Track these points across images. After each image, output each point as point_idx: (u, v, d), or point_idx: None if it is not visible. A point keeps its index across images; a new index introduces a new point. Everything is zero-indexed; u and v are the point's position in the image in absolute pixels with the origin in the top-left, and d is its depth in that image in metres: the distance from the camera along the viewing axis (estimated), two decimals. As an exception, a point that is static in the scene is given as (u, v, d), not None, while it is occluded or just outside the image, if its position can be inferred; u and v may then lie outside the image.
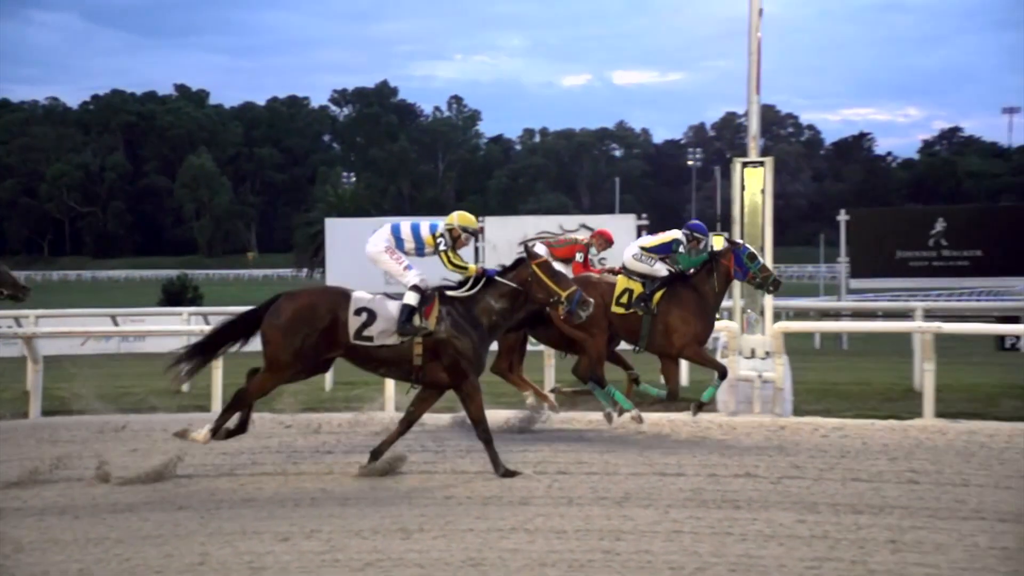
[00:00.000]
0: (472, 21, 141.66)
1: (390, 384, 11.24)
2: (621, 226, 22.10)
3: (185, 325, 15.33)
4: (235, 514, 6.65)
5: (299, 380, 8.11)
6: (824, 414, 10.25)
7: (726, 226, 15.52)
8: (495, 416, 8.97)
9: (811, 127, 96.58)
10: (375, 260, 8.54)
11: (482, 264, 8.36)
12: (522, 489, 7.17)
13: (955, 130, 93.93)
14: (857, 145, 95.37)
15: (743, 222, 11.23)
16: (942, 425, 9.59)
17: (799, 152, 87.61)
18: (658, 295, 9.53)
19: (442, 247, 8.22)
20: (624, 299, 9.56)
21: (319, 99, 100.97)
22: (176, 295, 33.13)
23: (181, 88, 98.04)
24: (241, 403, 7.88)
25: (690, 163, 77.31)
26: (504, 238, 21.38)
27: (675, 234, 9.81)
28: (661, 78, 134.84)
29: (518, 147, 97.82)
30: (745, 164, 11.34)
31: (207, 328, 11.75)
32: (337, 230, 23.87)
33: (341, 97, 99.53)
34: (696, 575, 5.25)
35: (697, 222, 10.23)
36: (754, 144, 11.65)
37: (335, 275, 22.67)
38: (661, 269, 9.72)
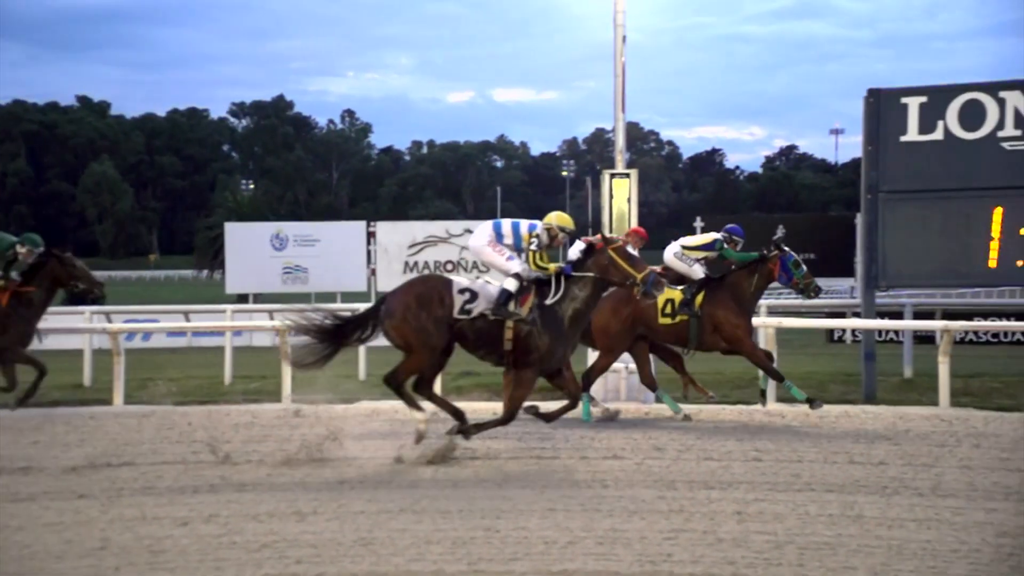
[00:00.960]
0: (363, 41, 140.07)
1: (287, 377, 11.05)
2: (501, 231, 22.28)
3: (87, 323, 14.72)
4: (135, 501, 6.42)
5: (438, 362, 7.96)
6: (683, 401, 10.45)
7: (596, 230, 15.70)
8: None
9: (670, 143, 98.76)
10: (479, 253, 8.27)
11: (560, 264, 8.07)
12: (411, 474, 7.13)
13: (792, 148, 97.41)
14: (710, 160, 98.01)
15: (611, 227, 11.38)
16: (782, 409, 9.92)
17: (660, 165, 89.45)
18: (699, 297, 9.47)
19: (533, 247, 7.97)
20: (668, 309, 9.41)
21: (218, 111, 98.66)
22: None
23: (83, 99, 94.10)
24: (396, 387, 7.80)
25: (564, 174, 78.11)
26: (395, 241, 21.23)
27: (716, 236, 9.79)
28: (537, 96, 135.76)
29: (407, 158, 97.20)
30: (613, 175, 11.50)
31: (108, 326, 11.35)
32: (236, 234, 23.28)
33: (239, 110, 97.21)
34: (567, 548, 5.29)
35: (735, 226, 10.18)
36: (620, 157, 11.83)
37: (234, 276, 22.19)
38: (699, 271, 9.69)
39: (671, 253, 9.79)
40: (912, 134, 11.30)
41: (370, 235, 21.39)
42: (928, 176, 11.25)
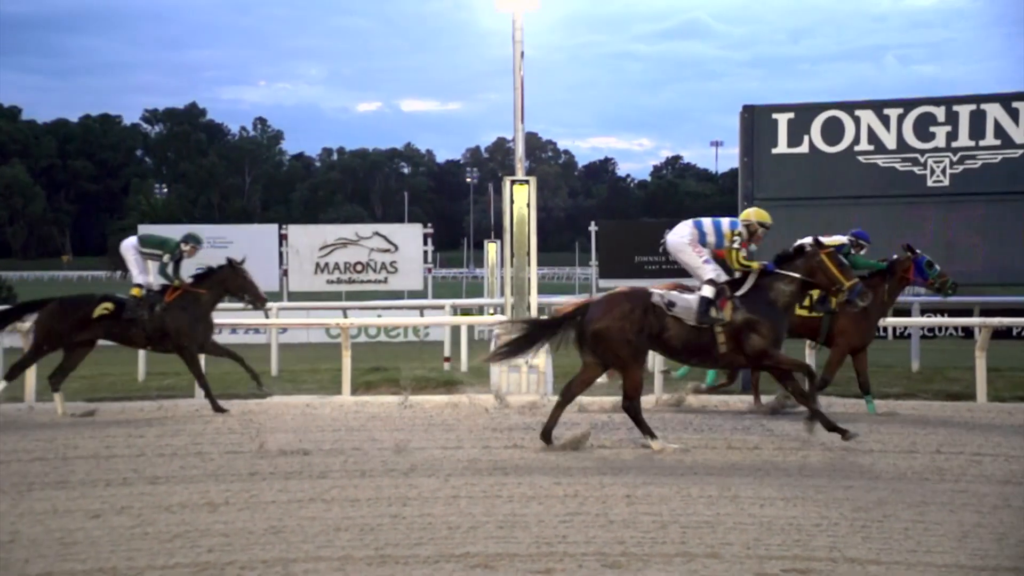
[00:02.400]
0: (275, 52, 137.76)
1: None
2: (410, 234, 22.11)
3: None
4: (47, 495, 6.16)
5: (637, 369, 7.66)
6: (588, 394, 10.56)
7: (499, 234, 15.73)
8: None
9: (567, 152, 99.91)
10: (678, 251, 7.92)
11: (764, 262, 7.81)
12: (320, 465, 7.03)
13: (677, 158, 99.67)
14: (603, 168, 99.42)
15: (513, 230, 11.44)
16: (673, 398, 10.09)
17: (557, 173, 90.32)
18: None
19: (736, 244, 7.71)
20: (807, 301, 9.03)
21: (131, 117, 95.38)
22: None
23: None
24: (634, 413, 7.58)
25: (468, 180, 78.13)
26: (306, 244, 20.95)
27: (842, 239, 9.35)
28: (442, 107, 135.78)
29: (318, 164, 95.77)
30: (513, 182, 11.56)
31: (20, 324, 10.87)
32: (149, 235, 22.56)
33: (153, 116, 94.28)
34: (469, 532, 5.29)
35: (862, 230, 9.78)
36: (520, 165, 11.91)
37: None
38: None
39: None
40: (782, 147, 11.69)
41: (282, 238, 21.10)
42: (796, 185, 11.66)
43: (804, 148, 11.65)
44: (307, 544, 5.10)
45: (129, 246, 10.36)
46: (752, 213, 8.13)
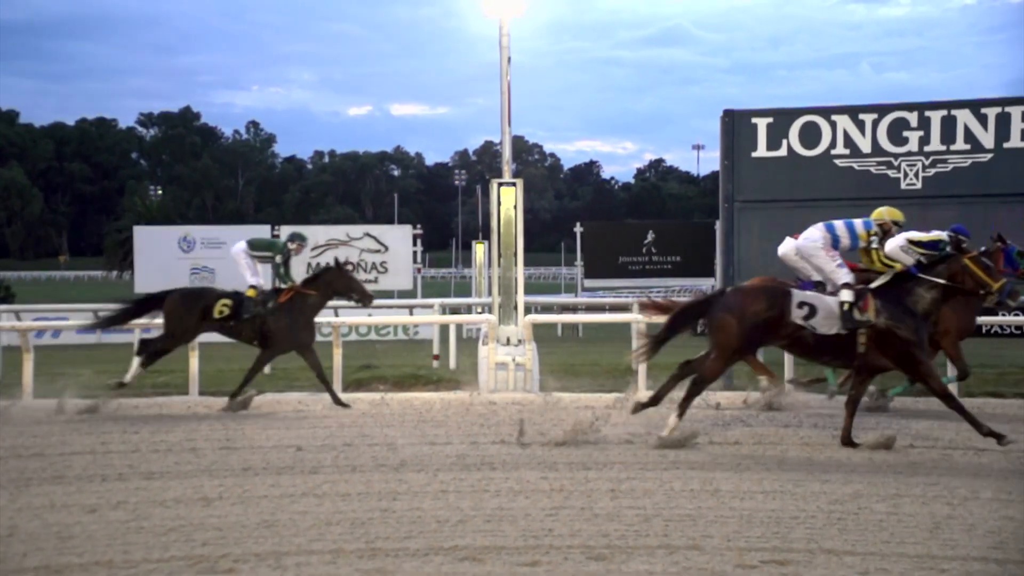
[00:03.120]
0: (267, 57, 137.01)
1: (195, 371, 10.74)
2: (400, 235, 22.04)
3: (-4, 322, 13.98)
4: (44, 490, 6.12)
5: (735, 362, 7.64)
6: (564, 390, 10.58)
7: (486, 235, 15.73)
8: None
9: (552, 155, 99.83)
10: (809, 255, 7.71)
11: (909, 265, 7.56)
12: (312, 460, 7.01)
13: (660, 161, 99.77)
14: (588, 171, 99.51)
15: (500, 231, 11.44)
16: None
17: (543, 175, 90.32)
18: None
19: (874, 244, 7.53)
20: None
21: (127, 121, 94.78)
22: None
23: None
24: (699, 389, 7.50)
25: (456, 182, 77.98)
26: (298, 244, 20.86)
27: (942, 235, 8.82)
28: (431, 111, 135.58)
29: (309, 166, 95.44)
30: (501, 184, 11.56)
31: (17, 323, 10.82)
32: (145, 237, 22.49)
33: (148, 120, 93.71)
34: (458, 526, 5.28)
35: (961, 225, 9.15)
36: (507, 168, 11.91)
37: (142, 277, 21.42)
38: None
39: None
40: (761, 151, 11.73)
41: (274, 238, 20.99)
42: (775, 188, 11.70)
43: (783, 152, 11.69)
44: (299, 538, 5.08)
45: (239, 250, 10.32)
46: (885, 212, 7.91)
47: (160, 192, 66.79)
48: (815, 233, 7.80)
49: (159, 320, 9.92)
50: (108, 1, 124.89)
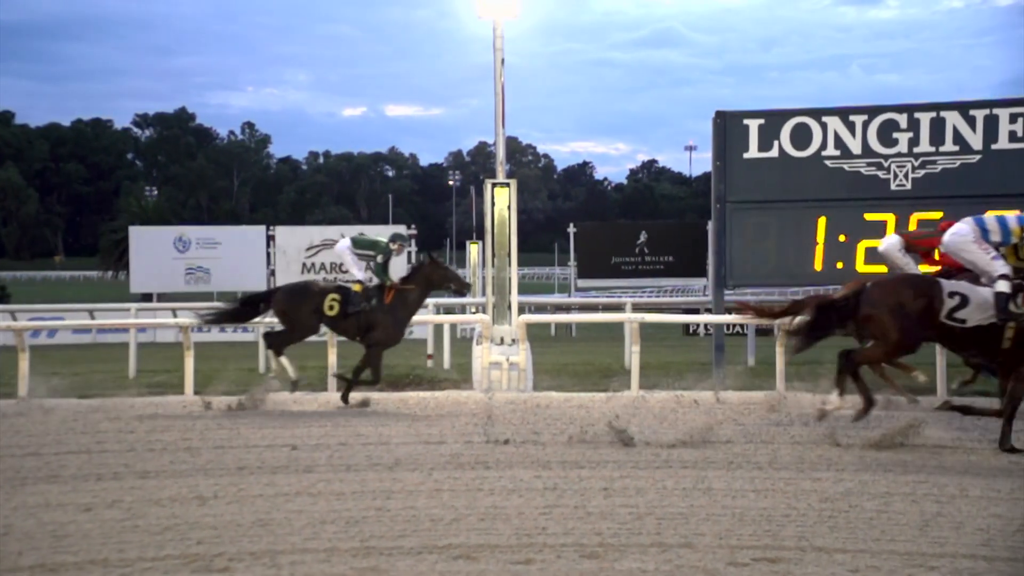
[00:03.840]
0: (262, 58, 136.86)
1: (189, 370, 10.72)
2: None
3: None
4: (39, 489, 6.09)
5: (898, 356, 7.57)
6: (558, 389, 10.59)
7: (480, 235, 15.73)
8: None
9: (546, 156, 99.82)
10: (960, 250, 7.44)
11: None
12: (307, 459, 7.00)
13: (652, 162, 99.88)
14: (581, 172, 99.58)
15: (494, 232, 11.44)
16: (644, 395, 10.14)
17: (537, 176, 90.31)
18: None
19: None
20: None
21: (122, 122, 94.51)
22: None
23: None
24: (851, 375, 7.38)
25: (450, 183, 77.95)
26: (293, 245, 20.86)
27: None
28: (425, 112, 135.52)
29: (304, 167, 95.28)
30: (495, 185, 11.56)
31: (13, 323, 10.79)
32: (140, 237, 22.47)
33: (143, 120, 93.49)
34: (452, 525, 5.28)
35: None
36: (501, 168, 11.91)
37: (138, 276, 21.40)
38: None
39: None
40: (753, 151, 11.75)
41: (270, 238, 21.00)
42: (766, 188, 11.72)
43: (774, 153, 11.72)
44: (294, 536, 5.07)
45: (344, 248, 10.46)
46: None
47: (155, 192, 66.56)
48: (964, 227, 7.53)
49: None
50: (103, 2, 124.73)
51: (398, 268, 11.23)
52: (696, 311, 15.76)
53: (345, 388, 9.75)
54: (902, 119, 11.49)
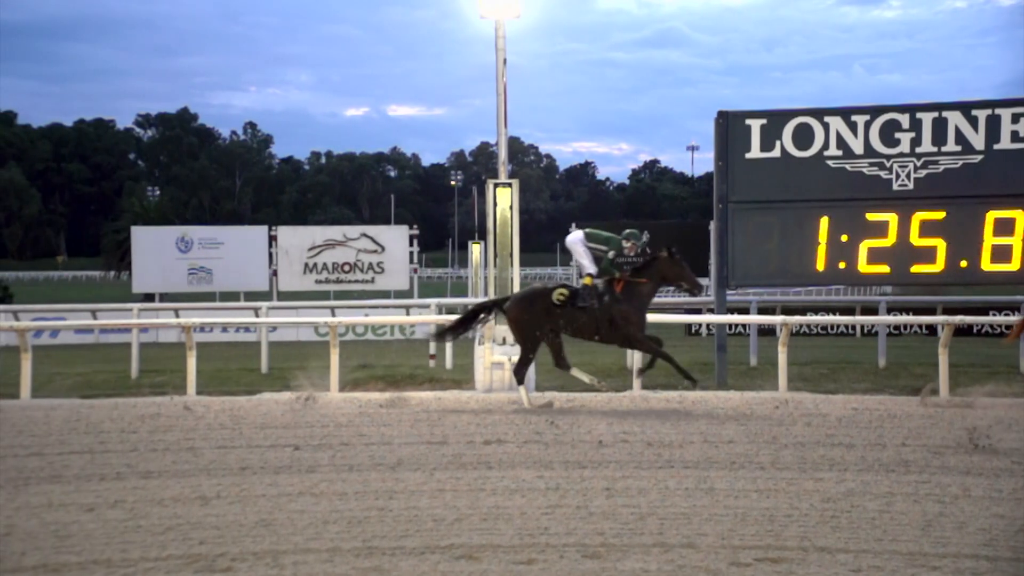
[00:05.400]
0: (264, 58, 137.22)
1: (192, 370, 10.72)
2: (396, 235, 22.07)
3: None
4: (42, 489, 6.10)
5: None
6: (560, 389, 10.58)
7: (482, 235, 15.72)
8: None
9: (548, 156, 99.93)
10: None
11: None
12: (309, 460, 7.00)
13: (655, 162, 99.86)
14: (584, 171, 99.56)
15: (496, 232, 11.44)
16: (647, 395, 10.15)
17: (539, 176, 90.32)
18: None
19: None
20: None
21: (124, 122, 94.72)
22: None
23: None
24: None
25: (452, 183, 77.98)
26: (295, 245, 20.88)
27: None
28: (428, 112, 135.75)
29: (306, 167, 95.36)
30: (497, 185, 11.55)
31: (15, 323, 10.78)
32: (143, 237, 22.48)
33: (145, 121, 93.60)
34: (455, 525, 5.28)
35: None
36: (503, 169, 11.90)
37: (140, 276, 21.42)
38: None
39: None
40: (755, 152, 11.74)
41: (272, 239, 21.02)
42: (768, 188, 11.71)
43: (776, 153, 11.71)
44: (296, 536, 5.07)
45: (577, 240, 10.16)
46: None
47: (158, 193, 66.58)
48: None
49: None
50: (106, 3, 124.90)
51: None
52: (698, 311, 15.73)
53: (639, 371, 9.87)
54: (904, 119, 11.47)
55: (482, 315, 10.20)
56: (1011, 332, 9.12)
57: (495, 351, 10.95)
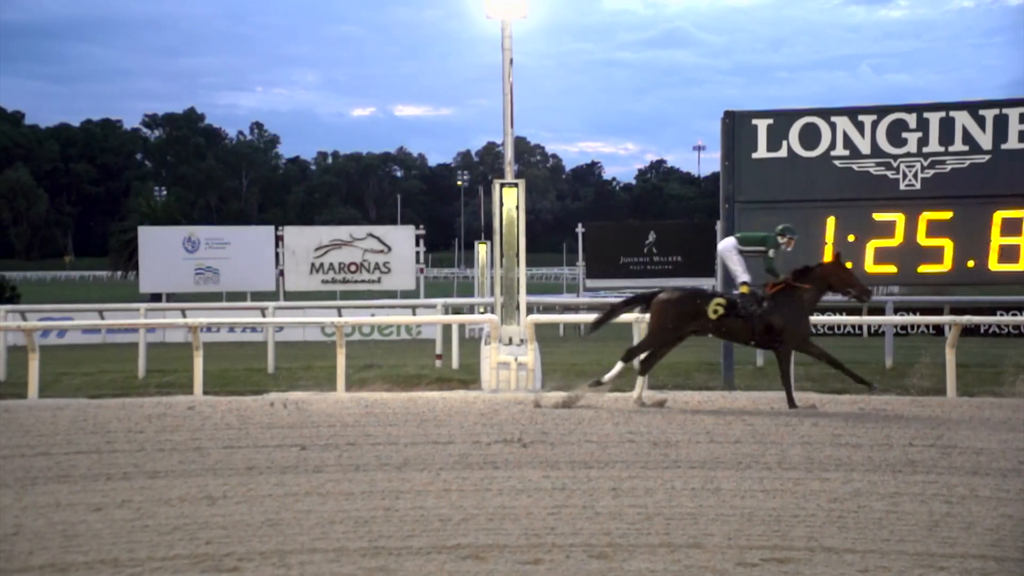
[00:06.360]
0: (271, 59, 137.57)
1: (199, 370, 10.75)
2: (403, 235, 22.10)
3: (2, 321, 14.00)
4: (49, 489, 6.12)
5: None
6: (566, 389, 10.56)
7: (489, 235, 15.73)
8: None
9: (554, 156, 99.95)
10: None
11: None
12: (316, 459, 7.01)
13: (661, 162, 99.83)
14: (590, 172, 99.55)
15: (502, 232, 11.44)
16: (653, 395, 10.10)
17: (545, 176, 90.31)
18: None
19: None
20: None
21: (131, 122, 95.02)
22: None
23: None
24: None
25: (459, 183, 78.03)
26: (302, 245, 20.91)
27: None
28: (434, 112, 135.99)
29: (313, 167, 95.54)
30: (503, 185, 11.56)
31: (23, 323, 10.82)
32: (150, 237, 22.56)
33: (152, 121, 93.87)
34: (461, 525, 5.28)
35: None
36: (509, 169, 11.91)
37: (147, 276, 21.47)
38: None
39: None
40: (762, 151, 11.72)
41: (278, 239, 21.05)
42: (775, 188, 11.69)
43: (783, 153, 11.68)
44: (303, 536, 5.08)
45: (730, 247, 9.98)
46: None
47: (165, 193, 66.78)
48: None
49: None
50: (113, 3, 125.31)
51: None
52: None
53: (788, 393, 9.35)
54: (911, 119, 11.44)
55: (633, 307, 10.03)
56: None
57: (501, 351, 10.95)
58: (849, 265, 9.76)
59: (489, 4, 11.54)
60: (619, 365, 9.61)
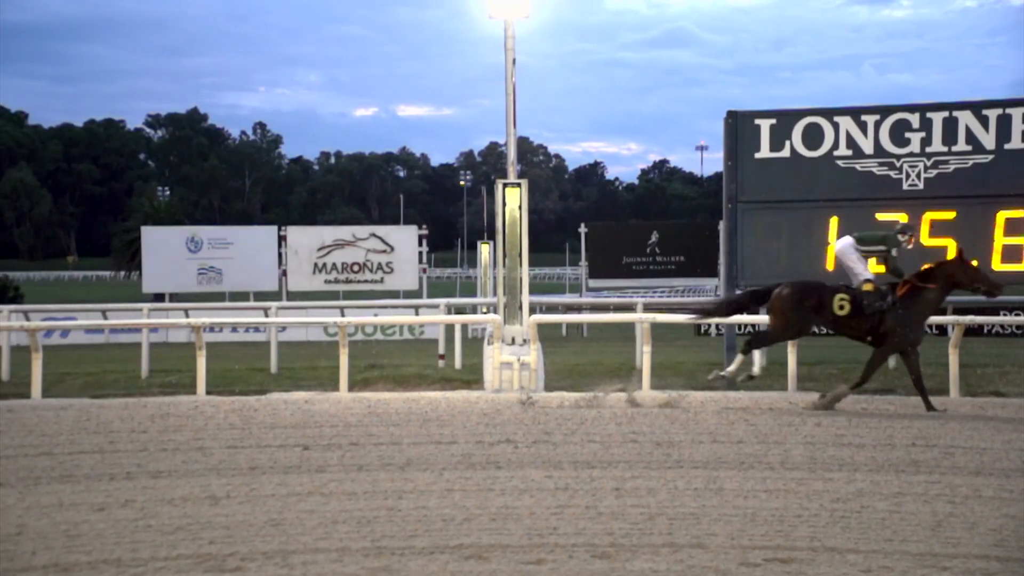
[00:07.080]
0: (274, 59, 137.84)
1: (202, 370, 10.76)
2: (405, 235, 22.12)
3: (5, 321, 14.02)
4: (53, 489, 6.13)
5: None
6: (569, 389, 10.57)
7: (491, 235, 15.74)
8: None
9: (557, 156, 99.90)
10: None
11: None
12: (319, 459, 7.01)
13: (664, 162, 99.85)
14: (593, 172, 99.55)
15: (505, 232, 11.44)
16: (653, 395, 10.11)
17: (548, 176, 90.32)
18: None
19: None
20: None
21: (134, 122, 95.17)
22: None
23: (0, 109, 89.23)
24: None
25: (462, 183, 78.06)
26: (305, 244, 20.93)
27: None
28: (437, 112, 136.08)
29: (316, 167, 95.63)
30: (506, 185, 11.56)
31: (26, 323, 10.84)
32: (153, 237, 22.59)
33: (155, 121, 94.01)
34: (463, 525, 5.28)
35: None
36: (512, 169, 11.91)
37: (150, 276, 21.51)
38: None
39: None
40: (764, 151, 11.72)
41: (281, 239, 21.07)
42: (778, 188, 11.69)
43: (786, 152, 11.68)
44: (306, 536, 5.08)
45: (848, 246, 9.69)
46: None
47: (168, 193, 66.87)
48: None
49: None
50: (116, 4, 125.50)
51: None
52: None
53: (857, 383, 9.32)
54: (914, 119, 11.43)
55: (751, 304, 9.95)
56: None
57: (504, 351, 10.95)
58: (975, 262, 9.54)
59: (491, 4, 11.54)
60: (739, 357, 9.51)
